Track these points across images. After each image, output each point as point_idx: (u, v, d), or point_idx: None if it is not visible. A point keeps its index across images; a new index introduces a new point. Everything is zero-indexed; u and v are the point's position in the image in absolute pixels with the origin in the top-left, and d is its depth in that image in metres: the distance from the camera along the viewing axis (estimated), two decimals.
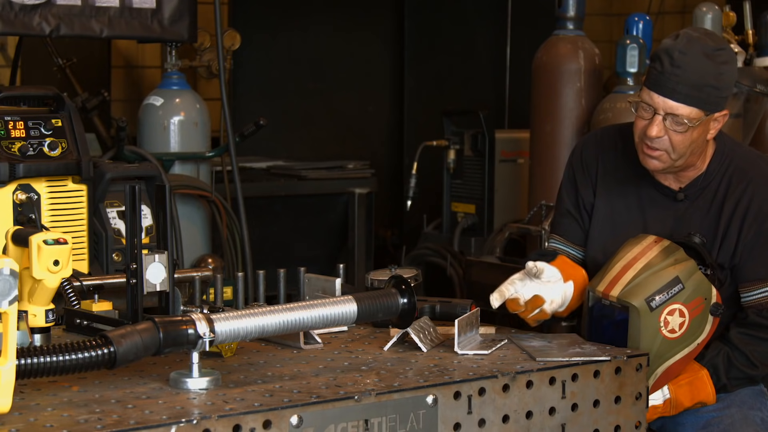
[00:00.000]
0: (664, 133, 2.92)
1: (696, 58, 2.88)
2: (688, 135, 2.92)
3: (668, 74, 2.89)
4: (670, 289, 2.84)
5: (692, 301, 2.86)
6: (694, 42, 2.89)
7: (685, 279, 2.85)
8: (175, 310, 2.73)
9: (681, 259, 2.88)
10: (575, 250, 3.18)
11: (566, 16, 5.07)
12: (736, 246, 2.99)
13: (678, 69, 2.88)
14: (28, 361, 2.12)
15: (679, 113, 2.89)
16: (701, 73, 2.88)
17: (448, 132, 5.89)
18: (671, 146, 2.94)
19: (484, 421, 2.43)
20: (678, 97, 2.89)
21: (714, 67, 2.89)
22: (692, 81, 2.88)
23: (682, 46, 2.89)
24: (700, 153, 3.01)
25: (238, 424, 2.14)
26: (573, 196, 3.19)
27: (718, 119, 2.96)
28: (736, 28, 5.20)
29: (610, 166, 3.14)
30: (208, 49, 5.52)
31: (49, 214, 3.42)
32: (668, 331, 2.84)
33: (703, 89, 2.88)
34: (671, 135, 2.92)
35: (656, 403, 2.93)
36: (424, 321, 2.76)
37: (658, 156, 2.96)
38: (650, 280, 2.85)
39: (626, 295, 2.84)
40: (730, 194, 3.01)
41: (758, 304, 2.99)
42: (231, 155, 4.63)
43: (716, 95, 2.90)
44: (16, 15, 4.27)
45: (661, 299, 2.84)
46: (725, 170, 3.04)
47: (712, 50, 2.89)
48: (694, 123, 2.90)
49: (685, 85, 2.88)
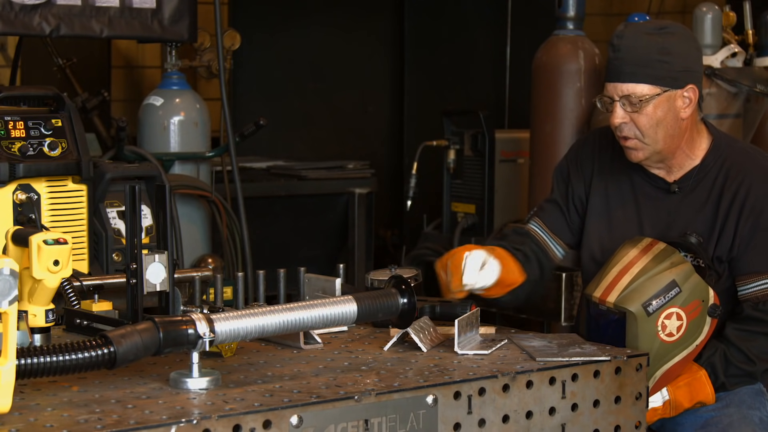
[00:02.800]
0: (627, 119, 2.97)
1: (633, 37, 2.96)
2: (650, 114, 2.95)
3: (612, 60, 2.97)
4: (666, 294, 2.84)
5: (689, 304, 2.86)
6: (632, 26, 3.00)
7: (681, 282, 2.85)
8: (175, 310, 2.73)
9: (677, 262, 2.88)
10: (550, 238, 3.19)
11: (566, 16, 5.07)
12: (733, 239, 3.00)
13: (618, 52, 2.96)
14: (28, 361, 2.12)
15: (630, 92, 2.95)
16: (641, 49, 2.94)
17: (448, 132, 5.88)
18: (639, 130, 2.97)
19: (484, 421, 2.43)
20: (624, 78, 2.95)
21: (657, 42, 2.94)
22: (633, 58, 2.94)
23: (620, 31, 2.99)
24: (681, 135, 3.02)
25: (238, 424, 2.14)
26: (563, 188, 3.21)
27: (688, 96, 2.98)
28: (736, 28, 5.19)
29: (606, 164, 3.17)
30: (208, 49, 5.52)
31: (49, 214, 3.42)
32: (666, 335, 2.85)
33: (650, 64, 2.93)
34: (634, 118, 2.96)
35: (656, 405, 2.93)
36: (424, 321, 2.76)
37: (633, 145, 3.00)
38: (646, 285, 2.85)
39: (622, 301, 2.85)
40: (727, 188, 3.02)
41: (754, 297, 3.00)
42: (231, 155, 4.63)
43: (668, 69, 2.94)
44: (16, 15, 4.27)
45: (658, 304, 2.84)
46: (722, 164, 3.05)
47: (653, 28, 2.97)
48: (647, 98, 2.93)
49: (627, 64, 2.95)
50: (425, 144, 5.84)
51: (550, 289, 4.44)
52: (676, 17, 7.25)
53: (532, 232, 3.19)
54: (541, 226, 3.20)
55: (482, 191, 5.76)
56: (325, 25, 7.42)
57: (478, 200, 5.79)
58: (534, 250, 3.16)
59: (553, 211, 3.21)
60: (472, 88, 7.47)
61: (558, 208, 3.21)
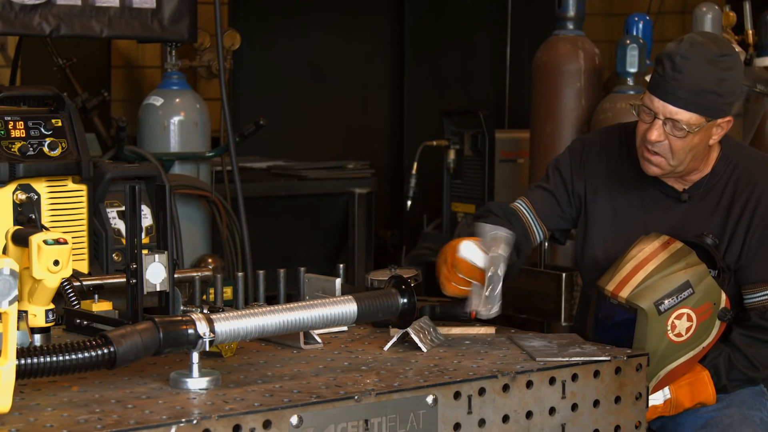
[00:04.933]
0: (664, 138, 2.91)
1: (698, 63, 2.86)
2: (688, 141, 2.91)
3: (669, 79, 2.87)
4: (679, 294, 2.83)
5: (701, 305, 2.85)
6: (698, 47, 2.87)
7: (695, 283, 2.84)
8: (175, 310, 2.73)
9: (693, 263, 2.86)
10: (534, 220, 3.14)
11: (566, 16, 5.07)
12: (741, 248, 2.99)
13: (679, 74, 2.86)
14: (28, 361, 2.12)
15: (679, 118, 2.88)
16: (702, 78, 2.86)
17: (448, 132, 5.88)
18: (670, 151, 2.93)
19: (484, 421, 2.43)
20: (678, 102, 2.87)
21: (716, 74, 2.86)
22: (693, 87, 2.86)
23: (684, 50, 2.86)
24: (702, 158, 3.00)
25: (238, 424, 2.14)
26: (561, 181, 3.17)
27: (722, 125, 2.94)
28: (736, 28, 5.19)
29: (614, 166, 3.14)
30: (208, 49, 5.52)
31: (49, 214, 3.41)
32: (675, 335, 2.84)
33: (704, 95, 2.86)
34: (671, 140, 2.91)
35: (656, 403, 2.93)
36: (424, 321, 2.76)
37: (657, 162, 2.95)
38: (660, 284, 2.84)
39: (635, 297, 2.83)
40: (738, 197, 3.01)
41: (761, 306, 2.99)
42: (231, 155, 4.63)
43: (718, 101, 2.88)
44: (16, 15, 4.27)
45: (670, 303, 2.83)
46: (731, 172, 3.04)
47: (716, 56, 2.87)
48: (694, 129, 2.89)
49: (685, 90, 2.86)
50: (425, 144, 5.85)
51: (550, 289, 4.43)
52: (676, 17, 7.25)
53: (517, 210, 3.13)
54: (528, 206, 3.14)
55: (482, 191, 5.76)
56: (325, 25, 7.42)
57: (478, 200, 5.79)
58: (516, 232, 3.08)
59: (545, 198, 3.16)
60: (472, 88, 7.47)
61: (551, 196, 3.15)
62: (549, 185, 3.18)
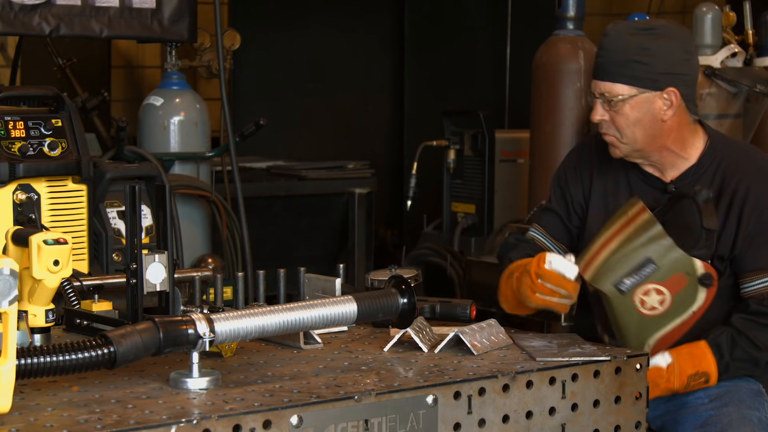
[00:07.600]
0: (606, 117, 3.01)
1: (617, 37, 2.98)
2: (627, 114, 2.98)
3: (597, 58, 3.01)
4: (640, 271, 2.84)
5: (670, 278, 2.85)
6: (620, 25, 3.03)
7: (658, 259, 2.83)
8: (175, 310, 2.73)
9: (656, 237, 2.86)
10: (552, 243, 3.18)
11: (566, 16, 5.07)
12: (735, 238, 3.00)
13: (602, 50, 3.00)
14: (28, 361, 2.12)
15: (608, 90, 2.98)
16: (622, 49, 2.96)
17: (448, 132, 5.89)
18: (616, 129, 3.00)
19: (484, 421, 2.43)
20: (606, 77, 2.99)
21: (637, 42, 2.96)
22: (615, 57, 2.97)
23: (606, 30, 3.01)
24: (664, 136, 3.02)
25: (238, 424, 2.14)
26: (561, 195, 3.21)
27: (668, 98, 2.98)
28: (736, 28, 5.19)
29: (605, 165, 3.18)
30: (208, 49, 5.53)
31: (49, 214, 3.41)
32: (648, 309, 2.85)
33: (628, 65, 2.96)
34: (612, 117, 3.00)
35: (659, 365, 2.92)
36: (421, 321, 2.76)
37: (611, 141, 3.04)
38: (620, 263, 2.85)
39: (596, 279, 2.87)
40: (725, 187, 3.03)
41: (759, 294, 3.00)
42: (231, 155, 4.63)
43: (646, 71, 2.96)
44: (16, 15, 4.27)
45: (631, 282, 2.84)
46: (719, 163, 3.06)
47: (639, 29, 2.99)
48: (623, 99, 2.96)
49: (609, 63, 2.98)
50: (425, 144, 5.85)
51: None
52: (676, 17, 7.24)
53: (534, 239, 3.19)
54: (542, 232, 3.20)
55: (482, 191, 5.76)
56: (325, 25, 7.42)
57: (478, 200, 5.80)
58: None
59: (552, 219, 3.21)
60: (472, 88, 7.47)
61: (556, 216, 3.21)
62: (552, 204, 3.23)
